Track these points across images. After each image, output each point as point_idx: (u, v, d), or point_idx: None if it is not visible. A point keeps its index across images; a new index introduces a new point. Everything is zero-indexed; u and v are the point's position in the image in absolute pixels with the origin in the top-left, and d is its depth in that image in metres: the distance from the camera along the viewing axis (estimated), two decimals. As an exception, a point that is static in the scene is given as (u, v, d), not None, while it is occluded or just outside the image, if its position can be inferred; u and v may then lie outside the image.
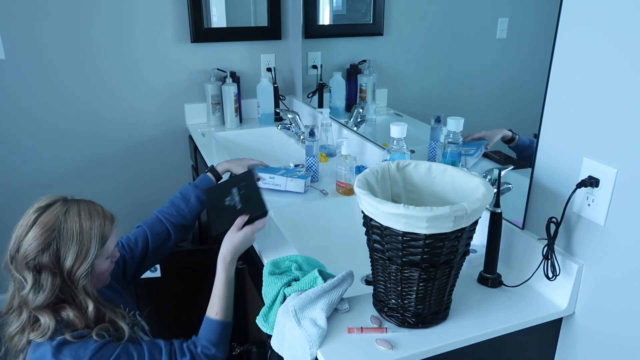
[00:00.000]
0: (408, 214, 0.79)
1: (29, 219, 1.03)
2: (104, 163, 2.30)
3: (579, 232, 0.95)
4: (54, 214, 1.03)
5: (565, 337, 1.02)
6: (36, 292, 1.00)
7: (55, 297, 1.01)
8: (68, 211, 1.04)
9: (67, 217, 1.03)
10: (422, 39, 1.53)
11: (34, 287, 1.00)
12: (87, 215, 1.05)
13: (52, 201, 1.06)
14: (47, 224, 1.01)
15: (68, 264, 1.01)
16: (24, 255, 1.00)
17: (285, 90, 2.47)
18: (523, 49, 1.12)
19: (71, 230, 1.02)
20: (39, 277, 1.00)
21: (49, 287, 1.00)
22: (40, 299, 1.00)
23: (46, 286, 1.00)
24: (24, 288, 1.01)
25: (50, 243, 1.00)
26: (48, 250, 1.00)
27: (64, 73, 2.12)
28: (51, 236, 1.00)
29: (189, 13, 2.19)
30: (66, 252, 1.01)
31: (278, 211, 1.40)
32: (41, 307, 1.00)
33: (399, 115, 1.67)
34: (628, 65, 0.81)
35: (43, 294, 1.00)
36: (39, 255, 1.00)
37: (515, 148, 1.15)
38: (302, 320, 0.90)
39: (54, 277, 1.01)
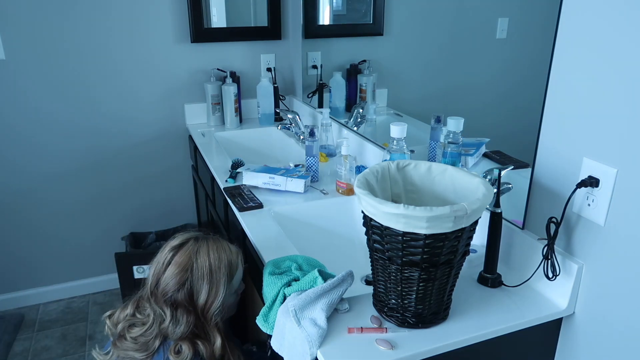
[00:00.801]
0: (408, 214, 0.79)
1: (165, 258, 1.12)
2: (103, 163, 2.30)
3: (579, 232, 0.95)
4: (187, 253, 1.11)
5: (565, 337, 1.02)
6: (175, 325, 1.09)
7: (191, 331, 1.10)
8: (199, 251, 1.12)
9: (198, 257, 1.11)
10: (422, 39, 1.53)
11: (172, 321, 1.09)
12: (216, 254, 1.13)
13: (184, 240, 1.14)
14: (181, 264, 1.10)
15: (201, 301, 1.10)
16: (163, 292, 1.10)
17: (285, 90, 2.47)
18: (523, 49, 1.12)
19: (202, 269, 1.10)
20: (176, 312, 1.09)
21: (184, 322, 1.09)
22: (178, 331, 1.08)
23: (182, 321, 1.09)
24: (164, 321, 1.09)
25: (184, 282, 1.09)
26: (183, 289, 1.09)
27: (64, 73, 2.12)
28: (185, 276, 1.09)
29: (189, 13, 2.19)
30: (199, 291, 1.10)
31: (278, 211, 1.41)
32: (180, 338, 1.08)
33: (399, 115, 1.67)
34: (628, 65, 0.81)
35: (180, 328, 1.08)
36: (175, 293, 1.09)
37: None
38: (302, 320, 0.90)
39: (188, 314, 1.09)
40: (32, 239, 2.30)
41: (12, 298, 2.35)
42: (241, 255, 1.21)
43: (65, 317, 2.31)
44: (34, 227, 2.29)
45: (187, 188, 2.48)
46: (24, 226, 2.28)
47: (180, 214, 2.50)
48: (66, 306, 2.39)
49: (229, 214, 1.59)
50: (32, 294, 2.38)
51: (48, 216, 2.29)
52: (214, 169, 1.76)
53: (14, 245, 2.29)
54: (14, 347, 2.12)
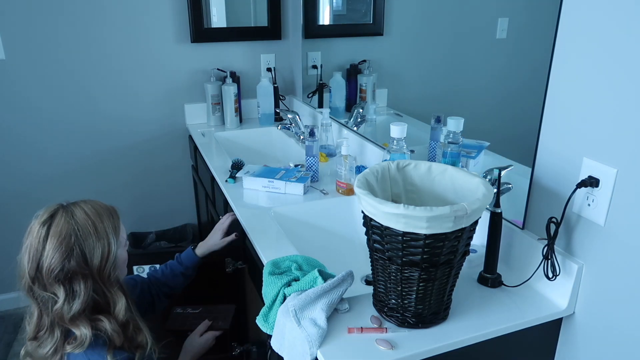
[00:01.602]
0: (408, 214, 0.79)
1: (39, 235, 1.02)
2: (103, 162, 2.30)
3: (579, 232, 0.95)
4: (63, 221, 1.02)
5: (565, 337, 1.02)
6: (70, 301, 0.99)
7: (91, 299, 1.01)
8: (74, 214, 1.04)
9: (76, 220, 1.03)
10: (422, 39, 1.53)
11: (68, 298, 0.99)
12: (94, 213, 1.05)
13: (53, 211, 1.05)
14: (61, 232, 1.01)
15: (96, 262, 1.02)
16: (49, 269, 0.99)
17: (285, 90, 2.47)
18: (523, 49, 1.12)
19: (86, 229, 1.02)
20: (70, 286, 1.00)
21: (83, 291, 1.00)
22: (76, 306, 0.99)
23: (80, 291, 1.00)
24: (55, 303, 1.00)
25: (72, 248, 1.00)
26: (73, 256, 1.00)
27: (64, 73, 2.12)
28: (70, 242, 1.00)
29: (189, 13, 2.19)
30: (91, 251, 1.02)
31: (278, 211, 1.41)
32: (77, 315, 1.00)
33: (399, 115, 1.67)
34: (628, 65, 0.81)
35: (79, 300, 1.00)
36: (65, 263, 0.99)
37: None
38: (302, 321, 0.90)
39: (86, 280, 1.01)
40: (32, 239, 2.30)
41: (12, 298, 2.35)
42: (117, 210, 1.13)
43: (65, 317, 2.31)
44: (34, 227, 2.28)
45: (187, 188, 2.48)
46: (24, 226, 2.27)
47: (180, 214, 2.50)
48: (66, 306, 2.39)
49: (229, 214, 1.59)
50: (32, 294, 2.38)
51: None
52: (214, 169, 1.76)
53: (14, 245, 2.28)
54: (14, 347, 2.12)
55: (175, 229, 2.47)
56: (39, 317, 1.03)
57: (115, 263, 1.05)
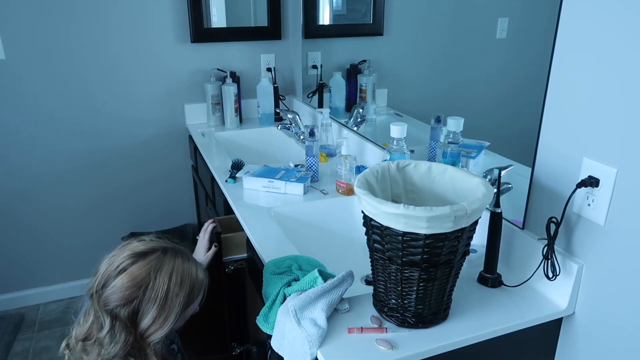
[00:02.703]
0: (408, 214, 0.79)
1: (121, 262, 0.97)
2: (103, 162, 2.30)
3: (579, 232, 0.95)
4: (147, 267, 0.97)
5: (565, 337, 1.02)
6: (111, 340, 0.96)
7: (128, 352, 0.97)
8: (161, 269, 0.98)
9: (157, 276, 0.97)
10: (422, 39, 1.53)
11: (110, 333, 0.96)
12: (179, 278, 0.99)
13: (150, 249, 1.00)
14: (137, 277, 0.96)
15: (144, 325, 0.96)
16: (105, 299, 0.96)
17: (285, 90, 2.47)
18: (523, 49, 1.12)
19: (157, 292, 0.96)
20: (114, 326, 0.96)
21: (121, 341, 0.95)
22: (112, 350, 0.95)
23: (119, 339, 0.95)
24: (102, 329, 0.97)
25: (133, 300, 0.95)
26: (129, 306, 0.96)
27: (64, 73, 2.12)
28: (136, 293, 0.95)
29: (189, 13, 2.19)
30: (145, 314, 0.96)
31: (278, 211, 1.41)
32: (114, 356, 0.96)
33: (399, 115, 1.67)
34: (628, 65, 0.81)
35: (116, 346, 0.95)
36: (119, 307, 0.96)
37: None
38: (302, 321, 0.90)
39: (127, 334, 0.96)
40: (32, 239, 2.30)
41: (12, 298, 2.35)
42: (207, 282, 1.08)
43: (65, 317, 2.31)
44: (34, 228, 2.29)
45: (187, 188, 2.48)
46: (24, 226, 2.28)
47: (180, 214, 2.50)
48: (66, 306, 2.39)
49: (229, 214, 1.59)
50: (32, 294, 2.38)
51: (48, 216, 2.29)
52: (214, 169, 1.76)
53: (14, 245, 2.29)
54: (14, 347, 2.12)
55: (176, 229, 2.47)
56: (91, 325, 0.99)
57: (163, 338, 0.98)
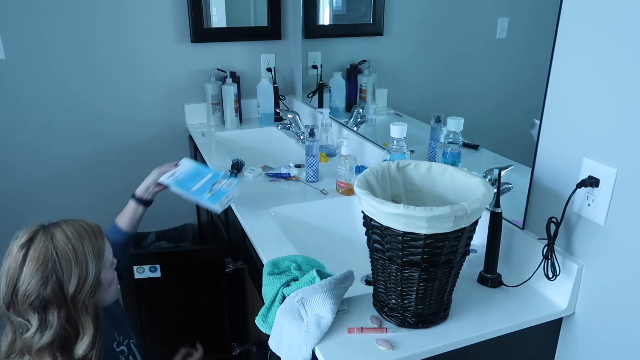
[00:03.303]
0: (408, 214, 0.79)
1: (16, 259, 0.97)
2: (103, 163, 2.30)
3: (579, 232, 0.95)
4: (42, 245, 0.98)
5: (565, 337, 1.02)
6: (42, 331, 0.95)
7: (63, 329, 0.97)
8: (54, 237, 0.99)
9: (55, 244, 0.98)
10: (422, 39, 1.53)
11: (40, 327, 0.95)
12: (76, 235, 1.01)
13: (32, 233, 1.00)
14: (39, 257, 0.96)
15: (72, 290, 0.97)
16: (24, 296, 0.95)
17: (285, 90, 2.47)
18: (523, 49, 1.12)
19: (65, 255, 0.97)
20: (44, 315, 0.96)
21: (56, 322, 0.96)
22: (45, 338, 0.95)
23: (53, 322, 0.96)
24: (27, 330, 0.96)
25: (49, 275, 0.96)
26: (49, 283, 0.95)
27: (64, 73, 2.12)
28: (47, 268, 0.96)
29: (189, 13, 2.19)
30: (68, 279, 0.97)
31: (278, 211, 1.41)
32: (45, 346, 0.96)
33: (399, 115, 1.67)
34: (628, 65, 0.81)
35: (50, 331, 0.96)
36: (41, 291, 0.95)
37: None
38: (310, 313, 0.90)
39: (60, 310, 0.97)
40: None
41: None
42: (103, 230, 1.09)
43: (65, 317, 2.30)
44: (34, 227, 2.28)
45: (187, 188, 2.48)
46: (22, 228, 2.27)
47: (180, 214, 2.50)
48: (66, 306, 2.38)
49: (229, 214, 1.59)
50: (32, 294, 2.38)
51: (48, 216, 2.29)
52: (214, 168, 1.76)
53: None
54: (14, 347, 2.12)
55: (175, 229, 2.47)
56: (12, 340, 0.98)
57: (93, 289, 1.00)
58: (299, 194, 1.55)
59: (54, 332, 0.96)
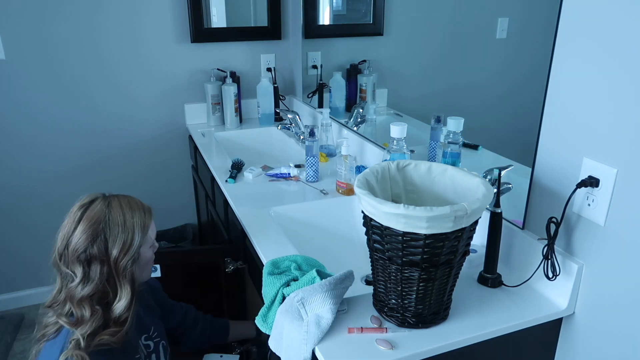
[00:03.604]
0: (408, 214, 0.79)
1: (74, 217, 1.09)
2: (103, 162, 2.30)
3: (579, 232, 0.95)
4: (98, 208, 1.09)
5: (565, 337, 1.02)
6: (84, 283, 1.06)
7: (102, 285, 1.07)
8: (110, 204, 1.10)
9: (110, 210, 1.09)
10: (422, 39, 1.53)
11: (83, 279, 1.06)
12: (128, 207, 1.12)
13: (93, 198, 1.13)
14: (93, 217, 1.08)
15: (115, 252, 1.07)
16: (74, 249, 1.06)
17: (285, 90, 2.47)
18: (523, 49, 1.12)
19: (116, 221, 1.09)
20: (88, 269, 1.07)
21: (97, 276, 1.06)
22: (87, 289, 1.06)
23: (95, 276, 1.06)
24: (72, 281, 1.07)
25: (98, 234, 1.07)
26: (96, 242, 1.06)
27: (64, 73, 2.12)
28: (98, 228, 1.07)
29: (189, 13, 2.19)
30: (113, 242, 1.08)
31: (278, 211, 1.41)
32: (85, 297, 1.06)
33: (399, 115, 1.67)
34: (628, 65, 0.81)
35: (92, 284, 1.06)
36: (89, 247, 1.06)
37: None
38: (310, 313, 0.90)
39: (102, 266, 1.07)
40: (32, 238, 2.30)
41: (12, 298, 2.35)
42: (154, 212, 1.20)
43: (65, 317, 2.31)
44: (35, 227, 2.28)
45: (187, 188, 2.48)
46: (25, 226, 2.28)
47: (180, 214, 2.50)
48: (66, 306, 2.39)
49: (229, 213, 1.59)
50: (32, 293, 2.38)
51: (48, 216, 2.29)
52: (214, 169, 1.76)
53: (15, 245, 2.29)
54: (14, 347, 2.12)
55: (176, 229, 2.47)
56: (58, 290, 1.10)
57: (134, 258, 1.10)
58: (299, 194, 1.55)
59: (94, 286, 1.06)
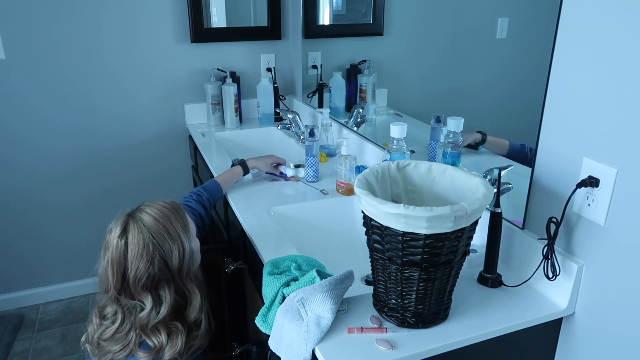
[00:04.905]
0: (408, 214, 0.79)
1: (119, 249, 1.05)
2: (104, 162, 2.30)
3: (579, 232, 0.95)
4: (137, 231, 1.05)
5: (565, 337, 1.02)
6: (157, 307, 1.05)
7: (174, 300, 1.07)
8: (143, 222, 1.07)
9: (148, 227, 1.06)
10: (422, 39, 1.53)
11: (155, 304, 1.05)
12: (162, 215, 1.09)
13: (124, 223, 1.08)
14: (139, 242, 1.04)
15: (175, 264, 1.07)
16: (135, 279, 1.04)
17: (285, 90, 2.47)
18: (523, 49, 1.12)
19: (160, 235, 1.06)
20: (157, 292, 1.06)
21: (168, 295, 1.06)
22: (162, 312, 1.05)
23: (165, 296, 1.06)
24: (142, 310, 1.05)
25: (153, 256, 1.04)
26: (154, 263, 1.04)
27: (64, 74, 2.12)
28: (150, 250, 1.04)
29: (189, 13, 2.19)
30: (170, 255, 1.06)
31: (278, 211, 1.41)
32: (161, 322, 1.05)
33: (399, 115, 1.67)
34: (628, 65, 0.81)
35: (165, 305, 1.06)
36: (150, 271, 1.04)
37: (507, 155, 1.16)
38: (310, 313, 0.90)
39: (169, 284, 1.06)
40: (32, 239, 2.30)
41: (12, 298, 2.35)
42: (178, 204, 1.18)
43: (65, 317, 2.31)
44: (34, 228, 2.29)
45: (187, 188, 2.48)
46: (24, 227, 2.28)
47: (180, 214, 2.50)
48: (66, 306, 2.39)
49: (229, 213, 1.59)
50: (32, 294, 2.38)
51: (48, 216, 2.29)
52: (214, 169, 1.76)
53: (14, 245, 2.29)
54: (14, 347, 2.12)
55: (175, 229, 2.46)
56: (121, 322, 1.07)
57: (191, 259, 1.10)
58: (299, 194, 1.55)
59: (168, 305, 1.06)
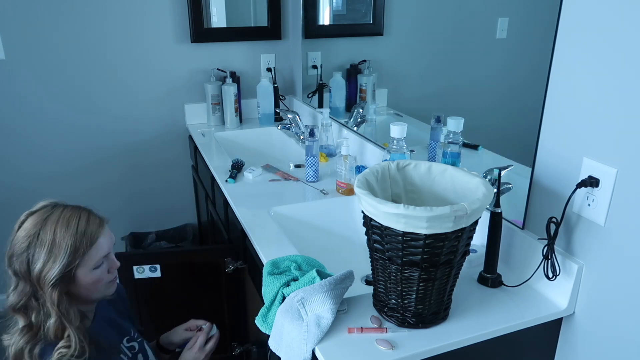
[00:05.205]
0: (408, 214, 0.79)
1: (19, 222, 1.05)
2: (104, 162, 2.30)
3: (579, 232, 0.95)
4: (36, 220, 1.03)
5: (565, 337, 1.02)
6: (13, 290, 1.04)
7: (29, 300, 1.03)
8: (47, 219, 1.03)
9: (44, 225, 1.03)
10: (422, 39, 1.53)
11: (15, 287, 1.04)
12: (64, 224, 1.03)
13: (41, 206, 1.07)
14: (29, 230, 1.03)
15: (36, 271, 1.01)
16: (9, 255, 1.04)
17: (285, 90, 2.47)
18: (523, 49, 1.12)
19: (43, 238, 1.02)
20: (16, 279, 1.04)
21: (21, 289, 1.03)
22: (12, 298, 1.03)
23: (20, 288, 1.03)
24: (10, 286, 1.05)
25: (27, 248, 1.02)
26: (23, 256, 1.02)
27: (64, 74, 2.12)
28: (27, 243, 1.02)
29: (189, 13, 2.19)
30: (37, 259, 1.01)
31: (278, 211, 1.41)
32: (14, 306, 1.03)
33: (399, 115, 1.67)
34: (628, 65, 0.81)
35: (16, 294, 1.03)
36: (18, 258, 1.02)
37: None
38: (310, 313, 0.90)
39: (25, 282, 1.03)
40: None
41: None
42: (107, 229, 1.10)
43: (65, 317, 2.30)
44: (34, 227, 2.28)
45: (187, 188, 2.48)
46: (24, 226, 2.27)
47: (180, 214, 2.50)
48: (66, 306, 2.38)
49: (229, 213, 1.59)
50: (32, 294, 2.38)
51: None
52: (214, 169, 1.76)
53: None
54: (13, 347, 2.12)
55: (176, 229, 2.47)
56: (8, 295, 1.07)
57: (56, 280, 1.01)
58: (299, 194, 1.55)
59: (18, 297, 1.03)
